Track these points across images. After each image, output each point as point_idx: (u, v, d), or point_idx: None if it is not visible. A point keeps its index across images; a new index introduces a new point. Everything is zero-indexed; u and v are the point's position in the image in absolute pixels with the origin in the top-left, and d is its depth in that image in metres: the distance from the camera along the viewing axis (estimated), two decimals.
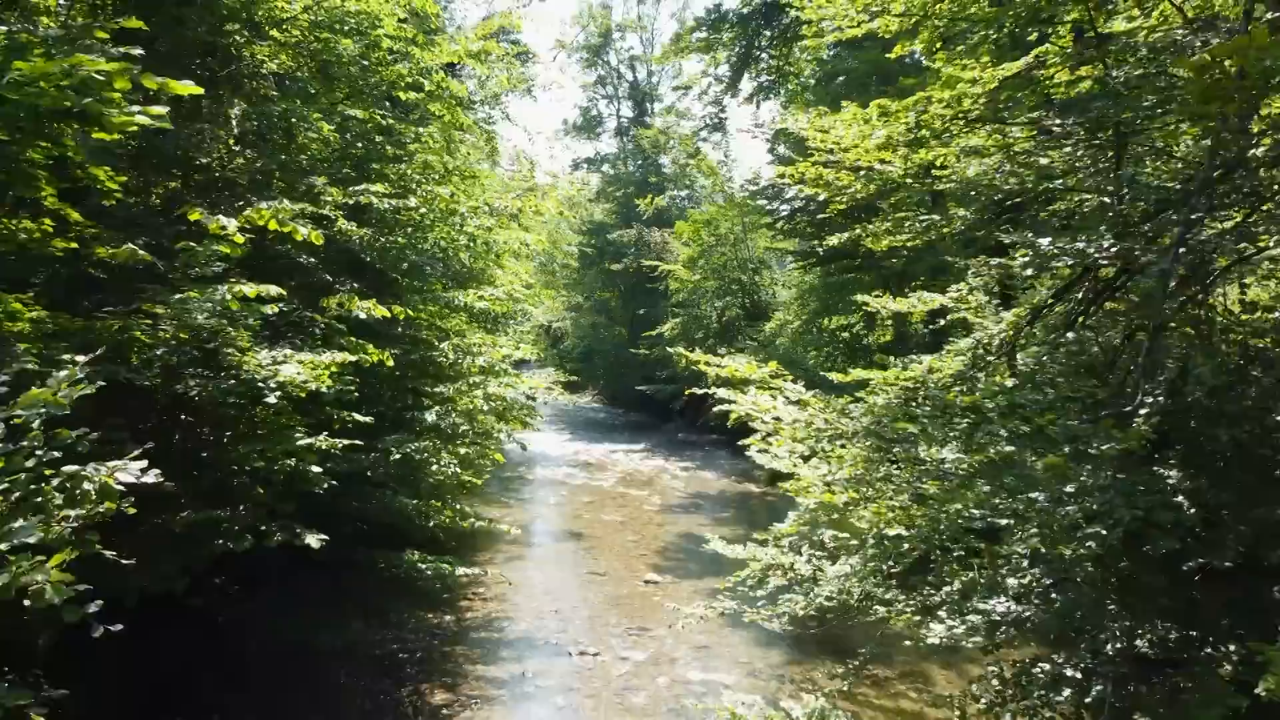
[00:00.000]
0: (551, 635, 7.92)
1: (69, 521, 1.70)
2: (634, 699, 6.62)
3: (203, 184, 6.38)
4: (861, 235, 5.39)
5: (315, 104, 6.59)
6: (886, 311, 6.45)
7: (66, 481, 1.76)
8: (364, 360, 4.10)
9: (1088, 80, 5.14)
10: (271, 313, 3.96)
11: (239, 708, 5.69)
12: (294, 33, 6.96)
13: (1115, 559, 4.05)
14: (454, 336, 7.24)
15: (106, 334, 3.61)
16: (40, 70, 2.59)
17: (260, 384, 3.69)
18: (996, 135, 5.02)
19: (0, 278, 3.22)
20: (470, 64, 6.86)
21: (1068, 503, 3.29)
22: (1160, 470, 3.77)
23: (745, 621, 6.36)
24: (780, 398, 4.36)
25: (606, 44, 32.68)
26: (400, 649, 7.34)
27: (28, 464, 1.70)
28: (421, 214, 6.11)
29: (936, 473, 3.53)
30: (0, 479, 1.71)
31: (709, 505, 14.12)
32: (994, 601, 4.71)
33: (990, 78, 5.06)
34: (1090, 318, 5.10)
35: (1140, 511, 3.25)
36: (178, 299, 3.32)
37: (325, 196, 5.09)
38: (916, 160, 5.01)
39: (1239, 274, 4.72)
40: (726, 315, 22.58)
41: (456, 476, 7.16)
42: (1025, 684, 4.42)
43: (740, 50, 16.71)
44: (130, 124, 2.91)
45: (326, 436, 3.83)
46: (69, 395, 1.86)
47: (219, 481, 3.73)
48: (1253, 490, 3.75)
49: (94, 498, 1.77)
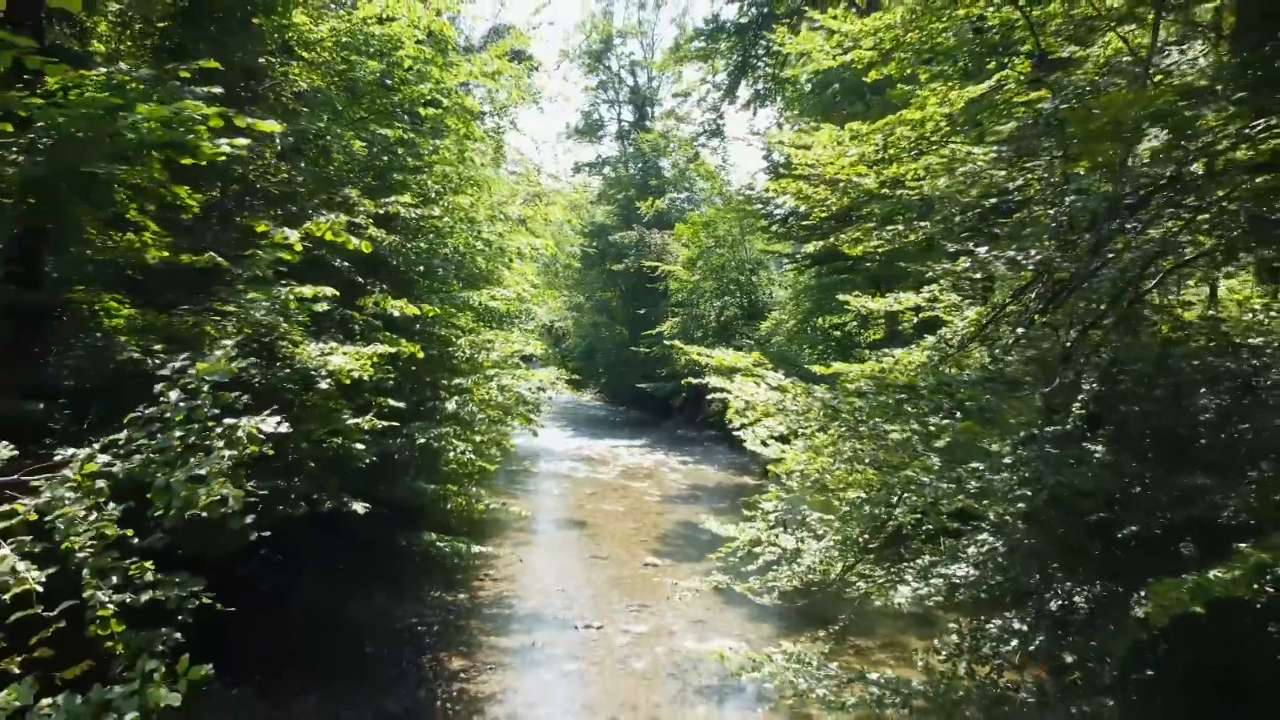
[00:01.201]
0: (558, 611, 8.52)
1: (225, 460, 2.30)
2: (635, 665, 7.23)
3: (238, 193, 7.00)
4: (837, 242, 5.97)
5: (342, 120, 7.21)
6: (865, 310, 7.05)
7: (226, 430, 2.36)
8: (402, 352, 4.69)
9: (1043, 102, 5.75)
10: (320, 310, 4.57)
11: (280, 668, 6.29)
12: (322, 53, 7.59)
13: (1051, 524, 4.65)
14: (468, 334, 7.85)
15: (184, 328, 4.20)
16: (157, 114, 3.19)
17: (312, 372, 4.28)
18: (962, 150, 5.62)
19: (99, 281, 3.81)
20: (484, 82, 7.44)
21: (1004, 471, 3.90)
22: (1089, 446, 4.37)
23: (738, 598, 6.96)
24: (762, 384, 4.96)
25: (608, 49, 33.29)
26: (419, 622, 7.95)
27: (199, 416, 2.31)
28: (444, 222, 6.70)
29: (885, 442, 4.12)
30: (181, 427, 2.32)
31: (707, 496, 14.70)
32: (954, 568, 5.33)
33: (958, 98, 5.67)
34: (1045, 315, 5.70)
35: (1063, 478, 3.86)
36: (249, 298, 3.91)
37: (359, 207, 5.69)
38: (888, 174, 5.62)
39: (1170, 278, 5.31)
40: (725, 315, 23.19)
41: (472, 463, 7.76)
42: (979, 639, 5.02)
43: (737, 59, 17.31)
44: (219, 154, 3.51)
45: (371, 417, 4.44)
46: (229, 368, 2.48)
47: (278, 456, 4.32)
48: (1168, 463, 4.35)
49: (244, 443, 2.37)
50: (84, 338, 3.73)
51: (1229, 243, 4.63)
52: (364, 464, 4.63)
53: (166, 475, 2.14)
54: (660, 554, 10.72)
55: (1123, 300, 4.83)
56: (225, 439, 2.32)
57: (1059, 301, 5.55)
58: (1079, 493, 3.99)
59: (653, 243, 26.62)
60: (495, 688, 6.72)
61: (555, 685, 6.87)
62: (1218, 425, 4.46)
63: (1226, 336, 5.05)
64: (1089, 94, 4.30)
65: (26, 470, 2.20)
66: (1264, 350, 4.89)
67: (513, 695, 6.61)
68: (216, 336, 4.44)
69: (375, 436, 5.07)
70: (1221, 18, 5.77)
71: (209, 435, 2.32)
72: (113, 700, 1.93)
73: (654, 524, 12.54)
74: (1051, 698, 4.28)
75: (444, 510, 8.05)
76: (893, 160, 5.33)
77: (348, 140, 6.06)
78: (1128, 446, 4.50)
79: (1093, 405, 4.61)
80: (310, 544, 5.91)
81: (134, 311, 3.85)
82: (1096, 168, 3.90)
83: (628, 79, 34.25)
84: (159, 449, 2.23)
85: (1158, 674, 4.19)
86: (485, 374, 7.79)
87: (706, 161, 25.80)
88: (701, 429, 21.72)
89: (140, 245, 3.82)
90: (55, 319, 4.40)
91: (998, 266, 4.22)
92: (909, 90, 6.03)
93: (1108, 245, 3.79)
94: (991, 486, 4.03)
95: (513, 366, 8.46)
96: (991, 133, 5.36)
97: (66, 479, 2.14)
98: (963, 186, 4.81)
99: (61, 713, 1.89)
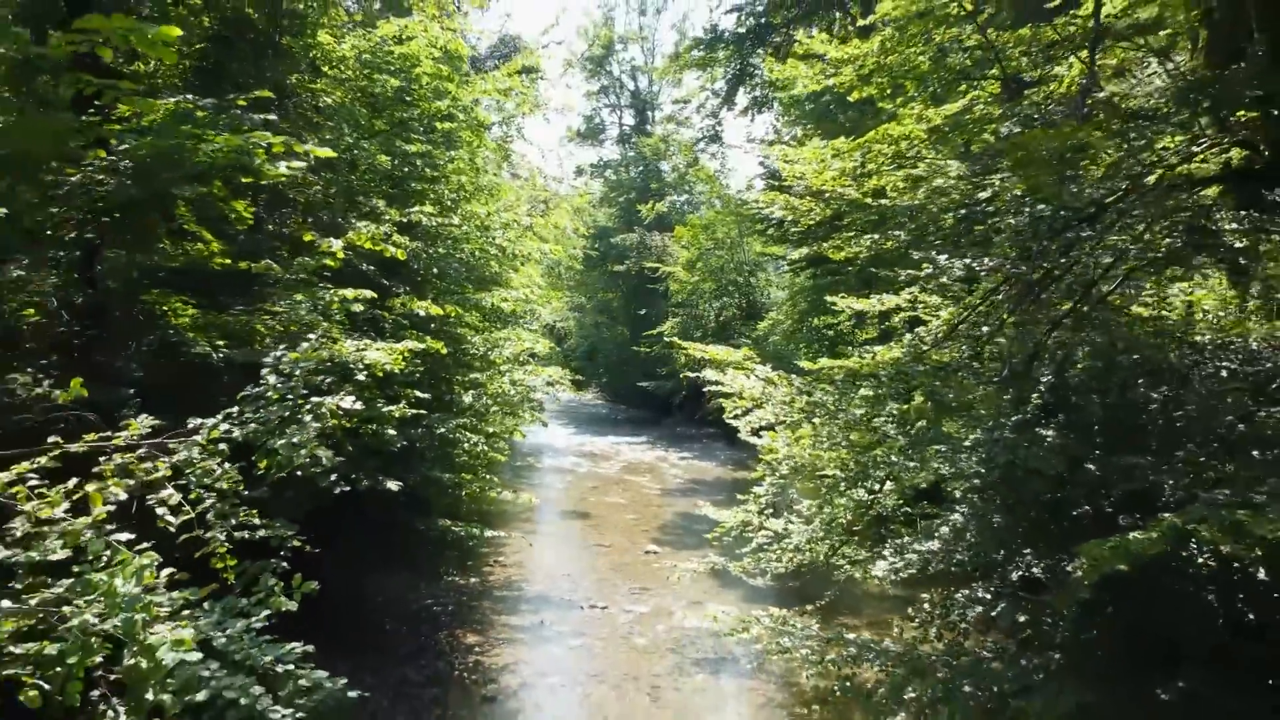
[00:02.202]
0: (564, 593, 9.07)
1: (312, 430, 2.83)
2: (637, 640, 7.77)
3: (267, 202, 7.54)
4: (822, 249, 6.49)
5: (364, 133, 7.75)
6: (851, 311, 7.59)
7: (314, 406, 2.90)
8: (430, 349, 5.22)
9: (1011, 118, 6.29)
10: (356, 311, 5.10)
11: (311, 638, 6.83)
12: (345, 71, 8.13)
13: (1015, 504, 5.19)
14: (481, 332, 8.40)
15: (238, 325, 4.73)
16: (232, 143, 3.74)
17: (351, 365, 4.83)
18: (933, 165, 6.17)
19: (167, 285, 4.34)
20: (497, 98, 7.98)
21: (964, 452, 4.43)
22: (1042, 431, 4.90)
23: (734, 581, 7.49)
24: (752, 376, 5.49)
25: (609, 55, 33.86)
26: (434, 603, 8.50)
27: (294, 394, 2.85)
28: (461, 230, 7.24)
29: (857, 424, 4.65)
30: (279, 404, 2.86)
31: (705, 489, 15.23)
32: (928, 544, 5.86)
33: (933, 116, 6.20)
34: (1013, 315, 6.24)
35: (1015, 459, 4.39)
36: (296, 299, 4.44)
37: (385, 216, 6.23)
38: (869, 186, 6.16)
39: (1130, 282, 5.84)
40: (724, 315, 23.74)
41: (485, 454, 8.30)
42: (948, 607, 5.56)
43: (735, 67, 17.86)
44: (280, 176, 4.06)
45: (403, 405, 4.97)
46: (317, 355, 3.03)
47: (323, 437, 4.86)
48: (1113, 447, 4.88)
49: (327, 417, 2.91)
50: (156, 334, 4.26)
51: (1171, 251, 5.17)
52: (394, 449, 5.16)
53: (272, 440, 2.68)
54: (660, 542, 11.27)
55: (1082, 303, 5.37)
56: (312, 413, 2.86)
57: (1026, 303, 6.10)
58: (1030, 470, 4.53)
59: (653, 245, 27.17)
60: (508, 659, 7.27)
61: (563, 658, 7.41)
62: (1158, 413, 5.00)
63: (1172, 334, 5.59)
64: (1036, 123, 4.84)
65: (168, 435, 2.73)
66: (1204, 347, 5.45)
67: (524, 666, 7.15)
68: (265, 334, 4.98)
69: (402, 426, 5.60)
70: (1174, 43, 6.32)
71: (300, 410, 2.86)
72: (246, 607, 2.50)
73: (654, 515, 13.09)
74: (1008, 654, 4.81)
75: (457, 498, 8.60)
76: (872, 174, 5.86)
77: (374, 155, 6.60)
78: (1079, 432, 5.04)
79: (1049, 396, 5.16)
80: (337, 524, 6.44)
81: (196, 311, 4.38)
82: (1032, 190, 4.43)
83: (629, 84, 34.84)
84: (262, 421, 2.77)
85: (1100, 634, 4.73)
86: (498, 369, 8.34)
87: (706, 166, 26.36)
88: (701, 426, 22.27)
89: (208, 253, 4.36)
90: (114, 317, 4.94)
91: (955, 272, 4.76)
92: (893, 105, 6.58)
93: (1072, 251, 4.32)
94: (954, 465, 4.56)
95: (524, 363, 9.02)
96: (959, 149, 5.90)
97: (197, 442, 2.68)
98: (935, 199, 5.34)
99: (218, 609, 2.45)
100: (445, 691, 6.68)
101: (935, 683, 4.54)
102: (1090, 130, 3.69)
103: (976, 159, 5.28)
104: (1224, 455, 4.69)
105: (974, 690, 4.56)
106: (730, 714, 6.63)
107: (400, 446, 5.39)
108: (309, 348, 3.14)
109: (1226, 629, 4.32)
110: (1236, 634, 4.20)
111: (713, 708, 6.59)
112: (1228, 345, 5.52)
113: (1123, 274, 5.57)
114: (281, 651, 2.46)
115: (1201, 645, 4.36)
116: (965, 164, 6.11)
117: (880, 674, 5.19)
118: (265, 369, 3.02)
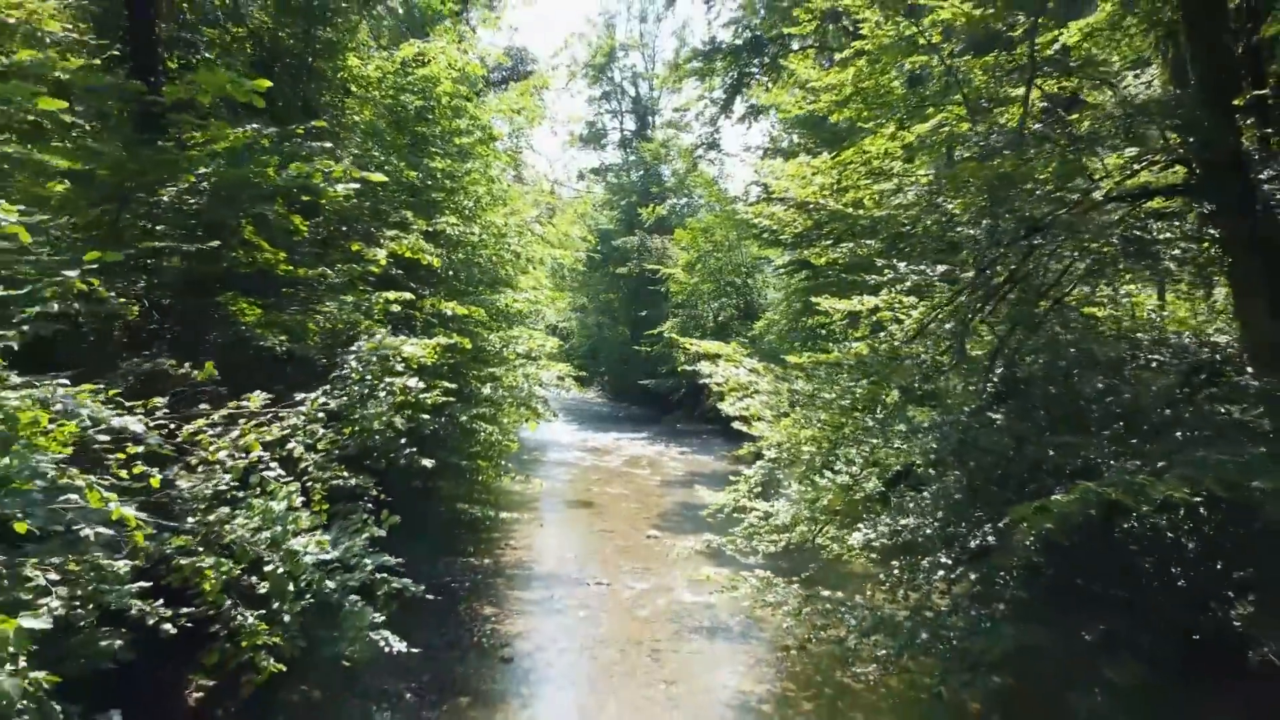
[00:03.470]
0: (572, 572, 9.81)
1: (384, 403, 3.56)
2: (639, 612, 8.50)
3: (300, 210, 8.28)
4: (806, 255, 7.20)
5: (389, 148, 8.49)
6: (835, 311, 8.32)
7: (387, 385, 3.63)
8: (459, 345, 5.94)
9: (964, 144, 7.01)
10: (393, 310, 5.83)
11: None
12: (371, 90, 8.87)
13: (974, 481, 5.92)
14: (496, 331, 9.16)
15: (293, 323, 5.45)
16: (301, 170, 4.47)
17: (390, 357, 5.57)
18: (904, 180, 6.89)
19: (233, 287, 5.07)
20: (510, 115, 8.71)
21: (922, 433, 5.16)
22: (992, 415, 5.63)
23: (729, 561, 8.22)
24: (740, 367, 6.22)
25: (610, 62, 34.62)
26: (451, 580, 9.23)
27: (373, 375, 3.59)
28: (479, 238, 7.99)
29: (827, 405, 5.36)
30: (358, 382, 3.59)
31: (704, 481, 15.93)
32: (899, 519, 6.59)
33: (906, 135, 6.94)
34: (979, 314, 6.97)
35: (965, 438, 5.12)
36: (349, 300, 5.15)
37: (413, 226, 6.96)
38: (847, 199, 6.89)
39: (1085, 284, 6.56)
40: (722, 315, 24.49)
41: (499, 443, 9.05)
42: (914, 572, 6.28)
43: (733, 77, 18.59)
44: (337, 196, 4.79)
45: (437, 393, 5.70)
46: (390, 342, 3.79)
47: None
48: (1055, 428, 5.60)
49: (398, 394, 3.64)
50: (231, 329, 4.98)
51: (1110, 257, 5.90)
52: (425, 432, 5.87)
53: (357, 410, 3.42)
54: (661, 528, 11.99)
55: (1037, 304, 6.11)
56: (386, 390, 3.59)
57: (989, 304, 6.83)
58: (979, 448, 5.26)
59: (654, 247, 27.91)
60: (522, 628, 8.00)
61: (572, 627, 8.14)
62: (1096, 399, 5.73)
63: (1115, 331, 6.32)
64: (993, 142, 5.57)
65: (283, 405, 3.46)
66: (1141, 342, 6.18)
67: (536, 633, 7.88)
68: (315, 331, 5.71)
69: (431, 414, 6.33)
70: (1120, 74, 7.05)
71: (376, 388, 3.59)
72: (340, 539, 3.25)
73: (655, 504, 13.82)
74: (962, 607, 5.54)
75: (473, 482, 9.34)
76: (848, 189, 6.60)
77: (401, 169, 7.33)
78: (1028, 416, 5.77)
79: (1001, 386, 5.89)
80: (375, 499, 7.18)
81: (261, 311, 5.10)
82: (968, 209, 5.16)
83: (629, 89, 35.60)
84: (349, 395, 3.50)
85: (1043, 591, 5.47)
86: (512, 365, 9.09)
87: (705, 171, 27.10)
88: (700, 423, 23.01)
89: (275, 261, 5.08)
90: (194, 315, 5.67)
91: (912, 278, 5.49)
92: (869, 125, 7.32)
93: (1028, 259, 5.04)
94: (917, 443, 5.29)
95: (535, 359, 9.78)
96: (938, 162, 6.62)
97: (302, 411, 3.41)
98: (903, 211, 6.07)
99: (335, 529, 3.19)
100: (465, 654, 7.41)
101: (898, 631, 5.27)
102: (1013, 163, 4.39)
103: (938, 177, 6.01)
104: (1151, 435, 5.42)
105: (930, 639, 5.29)
106: (724, 671, 7.36)
107: (429, 430, 6.13)
108: (381, 339, 3.89)
109: (1142, 581, 5.05)
110: (1146, 584, 4.93)
111: (708, 666, 7.32)
112: (1163, 341, 6.27)
113: (1075, 279, 6.31)
114: (382, 560, 3.21)
115: (1119, 596, 5.09)
116: (930, 180, 6.85)
117: (854, 631, 5.92)
118: (350, 355, 3.76)
